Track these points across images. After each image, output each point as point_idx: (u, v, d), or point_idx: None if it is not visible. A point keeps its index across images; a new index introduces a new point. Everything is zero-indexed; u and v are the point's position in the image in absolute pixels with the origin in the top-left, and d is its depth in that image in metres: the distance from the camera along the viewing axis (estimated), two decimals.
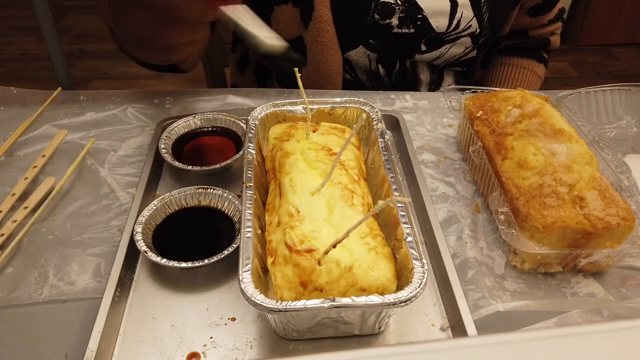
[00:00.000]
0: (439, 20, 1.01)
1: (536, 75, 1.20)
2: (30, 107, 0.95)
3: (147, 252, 0.66)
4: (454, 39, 1.04)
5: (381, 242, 0.60)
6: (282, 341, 0.62)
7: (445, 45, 1.05)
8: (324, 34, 0.99)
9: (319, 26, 0.98)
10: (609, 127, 0.95)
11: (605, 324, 0.45)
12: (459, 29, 1.03)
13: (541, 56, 1.21)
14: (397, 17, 0.99)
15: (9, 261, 0.70)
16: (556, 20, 1.18)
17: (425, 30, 1.01)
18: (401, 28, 1.00)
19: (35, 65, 2.92)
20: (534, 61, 1.20)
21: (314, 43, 1.00)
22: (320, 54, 1.01)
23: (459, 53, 1.08)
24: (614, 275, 0.72)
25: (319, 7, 0.96)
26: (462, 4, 1.00)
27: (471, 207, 0.80)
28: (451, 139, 0.94)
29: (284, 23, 0.99)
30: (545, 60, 1.22)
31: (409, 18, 1.00)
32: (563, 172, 0.69)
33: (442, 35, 1.03)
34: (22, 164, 0.84)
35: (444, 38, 1.04)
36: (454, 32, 1.03)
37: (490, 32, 1.06)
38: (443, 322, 0.65)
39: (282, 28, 1.00)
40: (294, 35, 1.01)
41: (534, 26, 1.17)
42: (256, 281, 0.56)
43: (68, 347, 0.60)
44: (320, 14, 0.97)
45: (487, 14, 1.03)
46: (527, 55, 1.20)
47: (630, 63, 3.19)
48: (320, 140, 0.72)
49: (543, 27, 1.17)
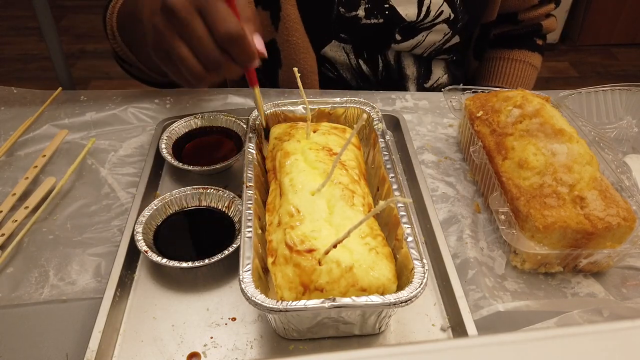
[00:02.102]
0: (407, 9, 0.99)
1: (531, 65, 1.16)
2: (31, 107, 0.95)
3: (148, 252, 0.66)
4: (429, 26, 1.02)
5: (382, 242, 0.60)
6: (282, 341, 0.62)
7: (422, 33, 1.02)
8: (293, 32, 0.98)
9: (288, 25, 0.97)
10: (609, 127, 0.95)
11: (605, 324, 0.45)
12: (429, 16, 1.00)
13: (534, 44, 1.16)
14: (363, 8, 0.98)
15: (9, 261, 0.70)
16: (548, 1, 1.13)
17: (395, 20, 0.99)
18: (369, 19, 0.99)
19: (35, 65, 2.93)
20: (526, 51, 1.15)
21: (285, 43, 0.99)
22: (293, 54, 1.00)
23: (439, 40, 1.05)
24: (615, 276, 0.72)
25: (285, 6, 0.96)
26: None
27: (471, 207, 0.80)
28: (451, 139, 0.94)
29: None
30: (539, 47, 1.17)
31: (376, 8, 0.98)
32: (563, 172, 0.69)
33: (415, 24, 1.01)
34: (23, 164, 0.84)
35: (418, 26, 1.01)
36: (426, 19, 1.00)
37: (467, 15, 1.02)
38: (443, 322, 0.65)
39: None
40: (266, 40, 0.99)
41: (523, 7, 1.12)
42: (256, 281, 0.56)
43: (68, 346, 0.60)
44: (287, 12, 0.96)
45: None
46: (518, 46, 1.15)
47: (630, 63, 3.19)
48: (320, 140, 0.72)
49: (533, 9, 1.12)
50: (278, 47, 1.00)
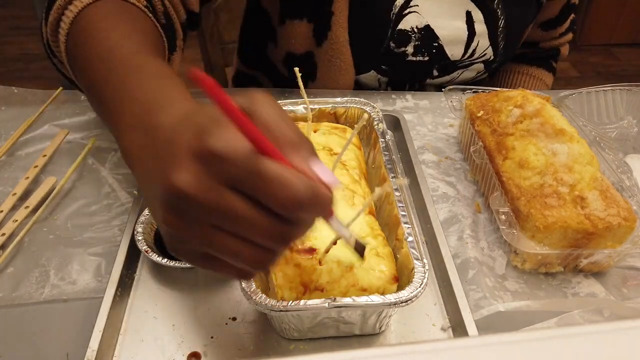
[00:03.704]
0: (454, 49, 1.00)
1: (544, 83, 1.21)
2: (31, 106, 0.95)
3: (148, 252, 0.66)
4: (467, 65, 1.04)
5: (382, 242, 0.60)
6: (282, 341, 0.62)
7: (458, 71, 1.05)
8: (338, 55, 0.97)
9: (335, 47, 0.97)
10: (610, 127, 0.95)
11: (606, 324, 0.45)
12: (474, 57, 1.02)
13: (550, 65, 1.21)
14: (413, 45, 0.98)
15: (9, 261, 0.70)
16: (567, 32, 1.18)
17: (439, 58, 1.01)
18: (416, 56, 1.00)
19: (36, 65, 2.92)
20: (544, 70, 1.20)
21: (327, 62, 0.99)
22: (332, 74, 1.00)
23: (471, 77, 1.08)
24: (615, 276, 0.72)
25: (335, 27, 0.95)
26: (480, 33, 0.99)
27: (472, 207, 0.80)
28: (452, 138, 0.94)
29: (295, 38, 0.98)
30: (554, 69, 1.22)
31: (425, 46, 0.99)
32: (564, 172, 0.69)
33: (456, 62, 1.03)
34: (23, 164, 0.84)
35: (457, 64, 1.03)
36: (468, 59, 1.03)
37: (504, 58, 1.06)
38: (444, 322, 0.65)
39: (292, 42, 0.99)
40: (303, 50, 0.99)
41: (546, 39, 1.17)
42: (257, 281, 0.56)
43: (69, 346, 0.60)
44: (336, 35, 0.95)
45: (503, 42, 1.02)
46: (536, 64, 1.19)
47: (631, 63, 3.19)
48: (321, 140, 0.72)
49: (554, 40, 1.17)
50: (315, 62, 1.00)
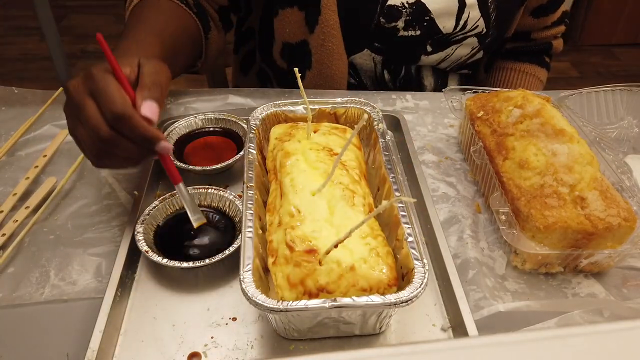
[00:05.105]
0: (446, 21, 1.00)
1: (538, 80, 1.20)
2: (32, 107, 0.95)
3: (148, 252, 0.66)
4: (461, 39, 1.04)
5: (382, 242, 0.60)
6: (283, 341, 0.62)
7: (452, 46, 1.05)
8: (330, 38, 0.98)
9: (325, 30, 0.97)
10: (610, 128, 0.95)
11: (606, 325, 0.45)
12: (465, 29, 1.02)
13: (543, 60, 1.21)
14: (404, 20, 0.98)
15: (10, 261, 0.70)
16: (559, 23, 1.18)
17: (431, 32, 1.01)
18: (407, 30, 1.00)
19: (36, 65, 2.92)
20: (536, 66, 1.19)
21: (319, 47, 1.00)
22: (325, 59, 1.01)
23: (466, 54, 1.07)
24: (615, 276, 0.72)
25: (325, 11, 0.95)
26: (470, 4, 0.99)
27: (472, 207, 0.80)
28: (452, 139, 0.94)
29: (289, 27, 0.99)
30: (547, 64, 1.22)
31: (416, 20, 0.99)
32: (564, 172, 0.69)
33: (449, 36, 1.02)
34: (24, 164, 0.84)
35: (451, 39, 1.03)
36: (460, 32, 1.02)
37: (496, 31, 1.06)
38: (444, 322, 0.65)
39: (287, 32, 0.99)
40: (297, 39, 1.00)
41: (537, 28, 1.16)
42: (257, 281, 0.56)
43: (69, 346, 0.60)
44: (326, 18, 0.96)
45: (494, 13, 1.02)
46: (529, 60, 1.19)
47: (631, 63, 3.19)
48: (321, 140, 0.72)
49: (546, 30, 1.17)
50: (310, 50, 1.00)
